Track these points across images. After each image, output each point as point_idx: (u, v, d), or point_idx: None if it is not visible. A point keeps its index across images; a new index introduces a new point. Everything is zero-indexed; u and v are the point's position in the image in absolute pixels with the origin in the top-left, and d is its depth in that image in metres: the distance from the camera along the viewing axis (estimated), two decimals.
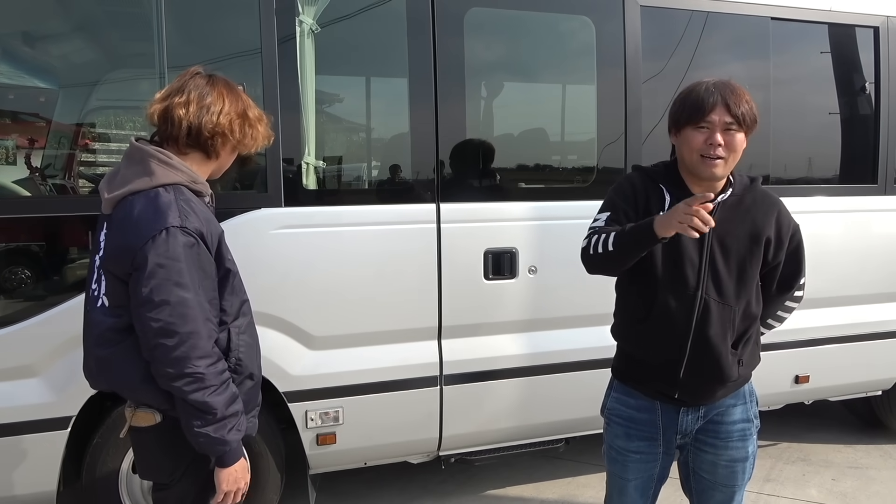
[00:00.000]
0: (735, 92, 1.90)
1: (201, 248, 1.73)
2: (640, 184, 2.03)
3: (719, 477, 2.07)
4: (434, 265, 3.04)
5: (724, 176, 1.95)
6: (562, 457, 3.79)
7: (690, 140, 1.92)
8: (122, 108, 3.83)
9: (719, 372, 1.97)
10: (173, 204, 1.71)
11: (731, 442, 2.05)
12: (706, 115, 1.89)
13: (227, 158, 1.91)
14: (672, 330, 1.97)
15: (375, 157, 3.41)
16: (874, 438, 4.38)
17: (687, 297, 1.94)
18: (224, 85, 1.87)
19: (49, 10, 2.97)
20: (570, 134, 3.63)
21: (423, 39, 3.01)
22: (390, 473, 3.79)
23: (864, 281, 3.79)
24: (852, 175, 3.84)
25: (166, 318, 1.65)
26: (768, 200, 2.02)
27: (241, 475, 1.82)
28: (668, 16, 3.41)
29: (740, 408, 2.06)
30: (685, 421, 2.05)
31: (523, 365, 3.22)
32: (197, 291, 1.70)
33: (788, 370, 3.70)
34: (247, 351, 1.86)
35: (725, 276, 1.95)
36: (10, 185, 2.95)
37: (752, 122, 1.92)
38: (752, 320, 2.02)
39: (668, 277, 1.95)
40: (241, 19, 2.89)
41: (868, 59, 3.80)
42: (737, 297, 1.96)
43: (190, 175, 1.79)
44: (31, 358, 2.64)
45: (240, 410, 1.78)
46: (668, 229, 1.74)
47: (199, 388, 1.68)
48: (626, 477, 2.12)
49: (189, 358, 1.67)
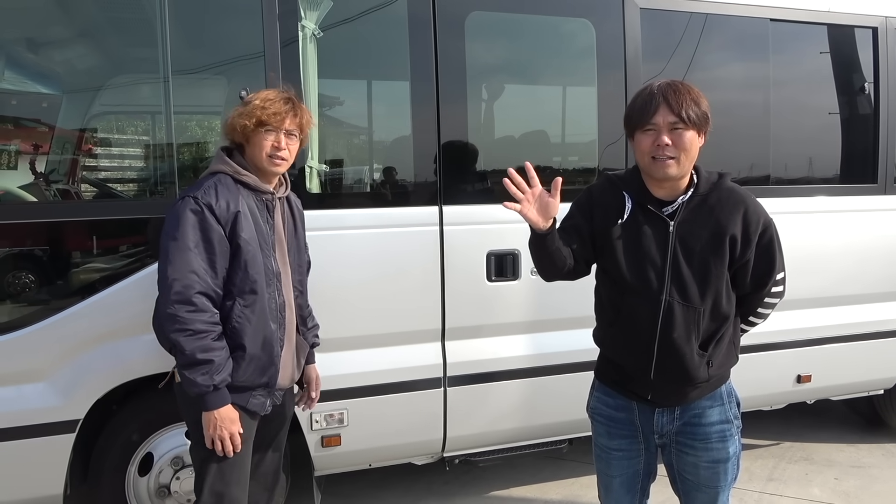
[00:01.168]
0: (678, 91, 1.91)
1: (206, 216, 2.05)
2: (598, 193, 2.10)
3: (702, 478, 2.08)
4: (437, 267, 3.06)
5: (679, 175, 1.96)
6: (565, 457, 3.80)
7: (640, 143, 1.96)
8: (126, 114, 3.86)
9: (686, 374, 1.99)
10: (205, 183, 2.11)
11: (711, 443, 2.06)
12: (650, 117, 1.91)
13: (247, 151, 2.20)
14: (639, 333, 2.01)
15: (378, 160, 3.43)
16: (877, 438, 4.39)
17: (651, 299, 1.97)
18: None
19: (53, 16, 2.98)
20: (571, 136, 3.64)
21: (425, 43, 3.02)
22: (395, 475, 3.80)
23: (864, 280, 3.80)
24: (852, 175, 3.85)
25: (162, 264, 2.05)
26: (734, 198, 1.99)
27: (223, 423, 2.09)
28: (667, 18, 3.43)
29: (717, 409, 2.07)
30: (661, 422, 2.08)
31: (526, 366, 3.24)
32: (190, 248, 2.02)
33: (790, 370, 3.71)
34: (243, 324, 2.11)
35: (689, 278, 1.96)
36: (16, 190, 2.97)
37: (701, 119, 1.92)
38: (723, 320, 2.02)
39: (633, 281, 1.99)
40: (244, 24, 2.91)
41: (867, 59, 3.82)
42: (702, 297, 1.97)
43: (234, 167, 2.16)
44: (39, 362, 2.65)
45: (215, 361, 2.04)
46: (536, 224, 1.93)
47: (174, 328, 2.01)
48: (610, 474, 2.18)
49: (169, 300, 2.01)
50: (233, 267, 2.11)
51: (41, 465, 2.67)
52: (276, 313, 2.21)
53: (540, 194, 1.95)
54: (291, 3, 2.84)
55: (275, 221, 2.24)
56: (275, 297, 2.20)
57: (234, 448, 2.14)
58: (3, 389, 2.62)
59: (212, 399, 2.07)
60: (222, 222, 2.07)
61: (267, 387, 2.22)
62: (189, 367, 2.04)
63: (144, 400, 2.83)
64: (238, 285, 2.11)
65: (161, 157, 3.15)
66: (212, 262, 2.06)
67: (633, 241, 1.99)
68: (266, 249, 2.18)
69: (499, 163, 3.31)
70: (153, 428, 2.85)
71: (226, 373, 2.08)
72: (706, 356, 2.00)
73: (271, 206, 2.23)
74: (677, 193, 2.00)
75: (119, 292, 2.69)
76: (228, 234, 2.09)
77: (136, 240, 2.86)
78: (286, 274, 2.28)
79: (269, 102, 2.14)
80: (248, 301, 2.12)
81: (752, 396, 3.71)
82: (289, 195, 2.38)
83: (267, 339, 2.17)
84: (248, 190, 2.17)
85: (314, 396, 2.53)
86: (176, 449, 2.84)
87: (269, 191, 2.22)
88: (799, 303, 3.63)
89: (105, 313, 2.69)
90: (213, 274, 2.06)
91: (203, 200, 2.05)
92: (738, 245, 1.97)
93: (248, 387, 2.17)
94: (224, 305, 2.11)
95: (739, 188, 2.04)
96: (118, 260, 2.82)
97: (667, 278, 1.96)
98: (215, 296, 2.09)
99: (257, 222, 2.17)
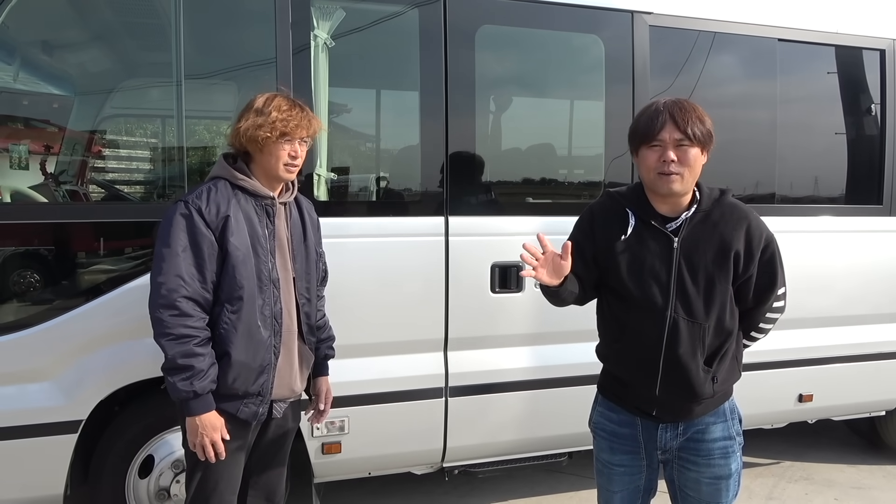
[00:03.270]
0: (683, 109, 1.95)
1: (194, 220, 2.04)
2: (600, 210, 2.13)
3: (703, 494, 2.09)
4: (441, 277, 3.07)
5: (683, 191, 1.98)
6: (564, 471, 3.80)
7: (646, 159, 1.98)
8: (137, 117, 3.89)
9: (692, 389, 2.00)
10: (200, 188, 2.12)
11: (713, 460, 2.06)
12: (656, 133, 1.94)
13: (260, 159, 2.17)
14: (644, 349, 2.02)
15: (385, 170, 3.45)
16: (877, 459, 4.37)
17: (656, 316, 1.99)
18: (257, 100, 2.17)
19: (67, 19, 3.02)
20: (579, 149, 3.66)
21: (436, 55, 3.05)
22: (394, 484, 3.80)
23: (868, 301, 3.80)
24: (858, 195, 3.86)
25: (153, 268, 2.05)
26: (737, 213, 2.01)
27: (204, 430, 2.06)
28: (676, 35, 3.45)
29: (721, 425, 2.08)
30: (664, 437, 2.08)
31: (528, 378, 3.24)
32: (178, 253, 2.02)
33: (792, 389, 3.70)
34: (229, 330, 2.09)
35: (693, 294, 1.98)
36: (26, 191, 2.99)
37: (705, 137, 1.95)
38: (727, 336, 2.03)
39: (638, 297, 2.01)
40: (256, 31, 2.94)
41: (874, 81, 3.83)
42: (706, 313, 1.98)
43: (231, 173, 2.16)
44: (43, 362, 2.66)
45: (195, 367, 2.02)
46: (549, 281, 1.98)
47: (158, 331, 2.02)
48: (612, 489, 2.18)
49: (156, 304, 2.02)
50: (221, 272, 2.08)
51: (43, 465, 2.68)
52: (270, 320, 2.15)
53: (553, 258, 1.98)
54: (304, 12, 2.87)
55: (276, 226, 2.20)
56: (270, 304, 2.15)
57: (218, 455, 2.09)
58: (8, 388, 2.63)
59: (194, 405, 2.05)
60: (212, 227, 2.06)
61: (260, 395, 2.17)
62: (170, 372, 2.02)
63: (146, 402, 2.84)
64: (226, 291, 2.08)
65: (171, 161, 3.18)
66: (200, 266, 2.04)
67: (636, 258, 2.01)
68: (262, 255, 2.14)
69: (506, 175, 3.33)
70: (154, 430, 2.86)
71: (208, 379, 2.04)
72: (711, 371, 2.01)
73: (272, 212, 2.19)
74: (680, 209, 2.02)
75: (124, 294, 2.70)
76: (218, 239, 2.07)
77: (142, 242, 2.87)
78: (287, 280, 2.22)
79: (287, 114, 2.13)
80: (235, 307, 2.09)
81: (753, 414, 3.70)
82: (302, 203, 2.35)
83: (256, 347, 2.12)
84: (246, 195, 2.15)
85: (322, 409, 2.46)
86: (177, 452, 2.85)
87: (269, 195, 2.18)
88: (802, 322, 3.63)
89: (110, 315, 2.70)
90: (200, 278, 2.04)
91: (193, 205, 2.05)
92: (742, 260, 1.99)
93: (237, 395, 2.13)
94: (213, 311, 2.09)
95: (741, 204, 2.06)
96: (125, 262, 2.84)
97: (672, 294, 1.97)
98: (203, 301, 2.06)
99: (253, 227, 2.13)
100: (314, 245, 2.37)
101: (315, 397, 2.47)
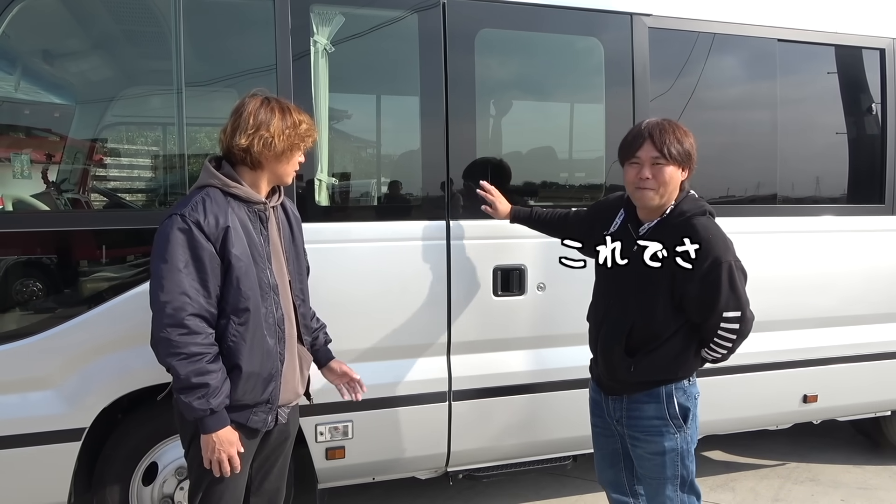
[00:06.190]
0: (663, 130, 2.18)
1: (194, 235, 1.97)
2: (606, 205, 2.53)
3: (646, 469, 2.35)
4: (444, 281, 3.07)
5: (658, 204, 2.23)
6: (569, 474, 3.79)
7: (627, 174, 2.28)
8: (138, 125, 3.90)
9: (612, 368, 2.33)
10: (192, 199, 2.03)
11: (648, 436, 2.30)
12: (635, 151, 2.22)
13: (275, 166, 2.13)
14: (594, 330, 2.45)
15: (386, 174, 3.45)
16: (884, 459, 4.35)
17: (602, 300, 2.41)
18: (261, 106, 2.09)
19: (68, 27, 3.02)
20: (579, 152, 3.66)
21: (435, 59, 3.05)
22: (398, 489, 3.79)
23: (871, 300, 3.80)
24: (859, 195, 3.86)
25: (153, 286, 1.98)
26: (688, 231, 2.16)
27: (221, 446, 2.03)
28: (675, 37, 3.46)
29: (654, 406, 2.28)
30: (612, 408, 2.40)
31: (531, 381, 3.24)
32: (180, 269, 1.95)
33: (797, 389, 3.69)
34: (238, 343, 2.05)
35: (628, 290, 2.27)
36: (28, 199, 3.00)
37: (682, 156, 2.18)
38: (652, 338, 2.23)
39: (597, 286, 2.46)
40: (256, 38, 2.95)
41: (874, 80, 3.83)
42: (637, 309, 2.24)
43: (223, 180, 2.07)
44: (45, 370, 2.66)
45: (211, 385, 1.98)
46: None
47: (167, 352, 1.95)
48: (596, 447, 2.56)
49: (162, 324, 1.95)
50: (225, 284, 2.03)
51: (46, 473, 2.68)
52: (274, 328, 2.14)
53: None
54: (304, 18, 2.88)
55: (269, 232, 2.17)
56: (272, 312, 2.13)
57: (233, 469, 2.07)
58: (11, 396, 2.63)
59: (210, 422, 2.01)
60: (212, 239, 1.99)
61: (268, 403, 2.16)
62: (185, 392, 1.97)
63: (150, 409, 2.83)
64: (231, 303, 2.04)
65: (172, 168, 3.18)
66: (203, 281, 1.98)
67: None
68: (261, 262, 2.11)
69: (506, 178, 3.32)
70: (158, 437, 2.85)
71: (223, 395, 2.01)
72: (630, 361, 2.26)
73: (265, 217, 2.15)
74: (654, 217, 2.27)
75: (126, 302, 2.70)
76: (219, 251, 2.01)
77: (144, 250, 2.87)
78: (284, 285, 2.21)
79: (309, 127, 2.15)
80: (242, 319, 2.05)
81: (758, 415, 3.71)
82: (285, 202, 2.32)
83: (265, 356, 2.11)
84: (238, 202, 2.09)
85: (356, 377, 2.46)
86: (180, 459, 2.84)
87: (261, 201, 2.14)
88: (806, 322, 3.63)
89: (113, 322, 2.70)
90: (205, 293, 1.99)
91: (191, 218, 1.97)
92: (679, 273, 2.15)
93: (247, 405, 2.11)
94: (218, 324, 2.05)
95: (705, 228, 2.17)
96: (126, 269, 2.84)
97: (611, 288, 2.34)
98: (209, 316, 2.01)
99: (250, 235, 2.09)
100: (301, 244, 2.36)
101: (339, 379, 2.47)
